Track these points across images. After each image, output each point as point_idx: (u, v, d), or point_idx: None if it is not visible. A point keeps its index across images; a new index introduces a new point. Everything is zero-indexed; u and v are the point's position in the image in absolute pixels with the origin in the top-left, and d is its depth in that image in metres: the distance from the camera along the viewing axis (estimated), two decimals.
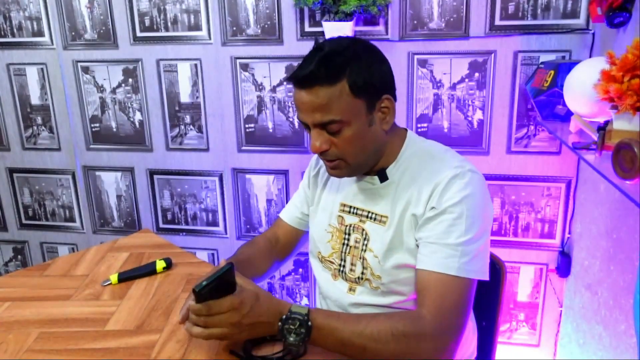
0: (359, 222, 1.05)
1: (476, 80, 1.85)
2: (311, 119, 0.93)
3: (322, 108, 0.91)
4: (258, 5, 1.93)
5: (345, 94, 0.91)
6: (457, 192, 0.93)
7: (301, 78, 0.91)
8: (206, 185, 2.19)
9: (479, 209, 0.94)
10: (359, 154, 0.97)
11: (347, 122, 0.92)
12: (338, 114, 0.91)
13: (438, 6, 1.80)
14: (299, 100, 0.93)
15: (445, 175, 0.95)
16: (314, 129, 0.95)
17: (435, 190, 0.95)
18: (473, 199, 0.93)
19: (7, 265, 2.54)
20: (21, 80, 2.22)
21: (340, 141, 0.94)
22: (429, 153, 1.03)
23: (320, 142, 0.95)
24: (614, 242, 1.50)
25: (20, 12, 2.13)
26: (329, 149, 0.95)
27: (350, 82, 0.90)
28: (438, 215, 0.93)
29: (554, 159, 1.87)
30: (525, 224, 1.95)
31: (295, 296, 2.26)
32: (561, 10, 1.73)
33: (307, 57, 0.93)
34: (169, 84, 2.10)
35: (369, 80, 0.92)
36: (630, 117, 1.11)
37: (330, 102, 0.90)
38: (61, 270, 1.27)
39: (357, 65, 0.91)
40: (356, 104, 0.92)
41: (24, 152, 2.32)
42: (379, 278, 1.01)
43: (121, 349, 0.95)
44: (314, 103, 0.91)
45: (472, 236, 0.92)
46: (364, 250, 1.04)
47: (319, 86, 0.90)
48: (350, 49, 0.93)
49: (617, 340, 1.45)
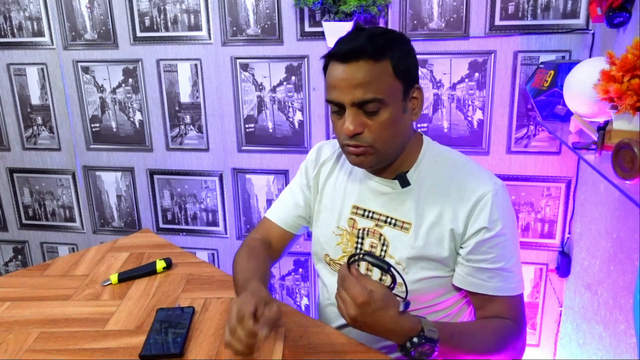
0: (375, 226, 1.03)
1: (476, 80, 1.85)
2: (350, 97, 0.90)
3: (365, 84, 0.89)
4: (258, 5, 1.93)
5: (388, 74, 0.90)
6: (502, 211, 0.96)
7: (347, 51, 0.89)
8: (206, 185, 2.19)
9: (515, 224, 1.01)
10: (390, 141, 0.95)
11: (386, 103, 0.91)
12: (380, 92, 0.89)
13: (438, 6, 1.80)
14: (338, 77, 0.90)
15: (484, 191, 0.96)
16: (351, 109, 0.91)
17: (477, 207, 0.95)
18: (513, 217, 1.00)
19: (7, 265, 2.54)
20: (21, 80, 2.22)
21: (375, 124, 0.92)
22: (450, 160, 1.02)
23: (355, 124, 0.91)
24: (614, 242, 1.50)
25: (20, 12, 2.13)
26: (363, 132, 0.92)
27: (393, 63, 0.90)
28: (490, 240, 0.95)
29: (554, 159, 1.87)
30: (525, 224, 1.95)
31: (295, 296, 2.26)
32: (561, 10, 1.73)
33: (347, 37, 0.93)
34: (169, 84, 2.10)
35: (408, 66, 0.93)
36: (630, 117, 1.11)
37: (373, 78, 0.89)
38: (61, 270, 1.27)
39: (399, 49, 0.92)
40: (396, 86, 0.92)
41: (24, 152, 2.32)
42: (399, 285, 1.00)
43: (121, 349, 0.95)
44: (356, 79, 0.89)
45: (518, 254, 0.99)
46: (382, 256, 1.02)
47: (364, 60, 0.88)
48: (392, 34, 0.94)
49: (617, 340, 1.45)
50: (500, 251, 0.96)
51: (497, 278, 0.96)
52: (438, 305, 1.03)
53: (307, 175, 1.17)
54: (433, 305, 1.03)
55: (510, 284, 0.97)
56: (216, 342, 0.96)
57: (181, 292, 1.14)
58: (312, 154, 1.19)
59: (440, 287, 1.01)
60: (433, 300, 1.02)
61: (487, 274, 0.96)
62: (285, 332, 0.98)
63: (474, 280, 0.97)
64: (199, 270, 1.25)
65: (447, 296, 1.03)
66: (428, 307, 1.02)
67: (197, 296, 1.12)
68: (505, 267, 0.96)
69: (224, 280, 1.20)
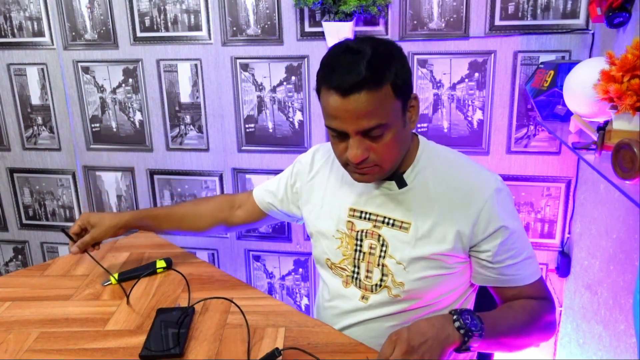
0: (373, 227, 1.03)
1: (476, 80, 1.85)
2: (355, 127, 0.88)
3: (368, 114, 0.86)
4: (258, 5, 1.93)
5: (389, 97, 0.87)
6: (509, 206, 1.00)
7: (349, 85, 0.84)
8: (206, 185, 2.20)
9: (516, 210, 1.06)
10: (396, 158, 0.95)
11: (390, 126, 0.89)
12: (383, 117, 0.87)
13: (438, 6, 1.80)
14: (340, 108, 0.87)
15: (488, 191, 0.97)
16: (355, 137, 0.89)
17: (484, 208, 0.96)
18: (515, 210, 1.02)
19: (8, 265, 2.54)
20: (21, 80, 2.22)
21: (380, 146, 0.90)
22: (447, 159, 1.03)
23: (361, 150, 0.89)
24: (613, 242, 1.50)
25: (20, 12, 2.13)
26: (369, 156, 0.91)
27: (393, 83, 0.87)
28: (510, 237, 0.98)
29: (554, 159, 1.87)
30: (525, 224, 1.95)
31: (295, 296, 2.26)
32: (561, 11, 1.73)
33: (343, 62, 0.87)
34: (169, 84, 2.10)
35: (406, 79, 0.90)
36: (630, 117, 1.11)
37: (376, 106, 0.86)
38: (61, 270, 1.27)
39: (396, 65, 0.88)
40: (396, 105, 0.89)
41: (24, 152, 2.32)
42: (401, 285, 1.00)
43: (121, 349, 0.95)
44: (360, 110, 0.85)
45: (529, 242, 1.03)
46: (382, 257, 1.02)
47: (367, 91, 0.85)
48: (387, 49, 0.90)
49: (617, 340, 1.45)
50: (519, 244, 0.99)
51: (524, 268, 1.00)
52: (441, 303, 1.04)
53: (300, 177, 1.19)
54: (435, 303, 1.03)
55: (533, 268, 1.01)
56: (216, 342, 0.96)
57: (181, 292, 1.15)
58: (307, 156, 1.20)
59: (442, 285, 1.01)
60: (436, 299, 1.02)
61: (514, 268, 0.99)
62: (285, 332, 0.98)
63: (505, 277, 1.00)
64: (199, 270, 1.25)
65: (449, 293, 1.04)
66: (430, 305, 1.03)
67: (197, 296, 1.12)
68: (527, 256, 1.00)
69: (224, 280, 1.20)
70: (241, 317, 0.98)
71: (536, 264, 1.02)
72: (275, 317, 1.04)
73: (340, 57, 0.88)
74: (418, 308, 1.02)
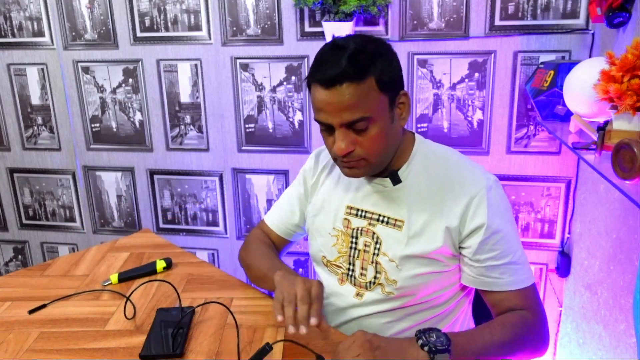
0: (368, 225, 1.04)
1: (476, 80, 1.85)
2: (338, 120, 0.90)
3: (351, 106, 0.89)
4: (258, 6, 1.93)
5: (373, 90, 0.89)
6: (498, 206, 0.97)
7: (330, 78, 0.88)
8: (206, 185, 2.20)
9: (512, 216, 1.02)
10: (382, 152, 0.96)
11: (374, 119, 0.91)
12: (367, 110, 0.89)
13: (438, 6, 1.80)
14: (324, 101, 0.90)
15: (478, 188, 0.96)
16: (340, 130, 0.92)
17: (472, 204, 0.96)
18: (509, 210, 1.01)
19: (8, 265, 2.54)
20: (21, 80, 2.22)
21: (365, 140, 0.92)
22: (442, 157, 1.03)
23: (346, 143, 0.92)
24: (613, 242, 1.50)
25: (20, 12, 2.13)
26: (354, 149, 0.93)
27: (377, 78, 0.89)
28: (493, 236, 0.96)
29: (554, 159, 1.87)
30: (525, 224, 1.95)
31: None
32: (561, 11, 1.73)
33: (328, 57, 0.91)
34: (169, 84, 2.10)
35: (392, 76, 0.92)
36: (630, 117, 1.11)
37: (359, 99, 0.88)
38: (61, 270, 1.27)
39: (382, 61, 0.90)
40: (381, 100, 0.91)
41: (25, 152, 2.32)
42: (394, 282, 1.00)
43: (121, 349, 0.95)
44: (342, 102, 0.88)
45: (521, 246, 1.01)
46: (376, 254, 1.02)
47: (348, 84, 0.87)
48: (373, 45, 0.92)
49: (617, 340, 1.45)
50: (504, 246, 0.97)
51: (508, 273, 0.97)
52: (435, 300, 1.04)
53: (305, 183, 1.19)
54: (430, 301, 1.03)
55: (521, 275, 0.98)
56: (216, 342, 0.96)
57: (181, 292, 1.14)
58: (310, 161, 1.20)
59: (435, 282, 1.01)
60: (429, 296, 1.02)
61: (497, 271, 0.97)
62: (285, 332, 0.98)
63: (487, 279, 0.98)
64: (199, 270, 1.25)
65: (443, 291, 1.03)
66: (425, 303, 1.03)
67: (197, 296, 1.12)
68: (513, 261, 0.97)
69: (224, 280, 1.20)
70: (241, 317, 0.98)
71: (525, 271, 0.99)
72: (275, 317, 1.03)
73: (326, 53, 0.92)
74: (412, 305, 1.02)
